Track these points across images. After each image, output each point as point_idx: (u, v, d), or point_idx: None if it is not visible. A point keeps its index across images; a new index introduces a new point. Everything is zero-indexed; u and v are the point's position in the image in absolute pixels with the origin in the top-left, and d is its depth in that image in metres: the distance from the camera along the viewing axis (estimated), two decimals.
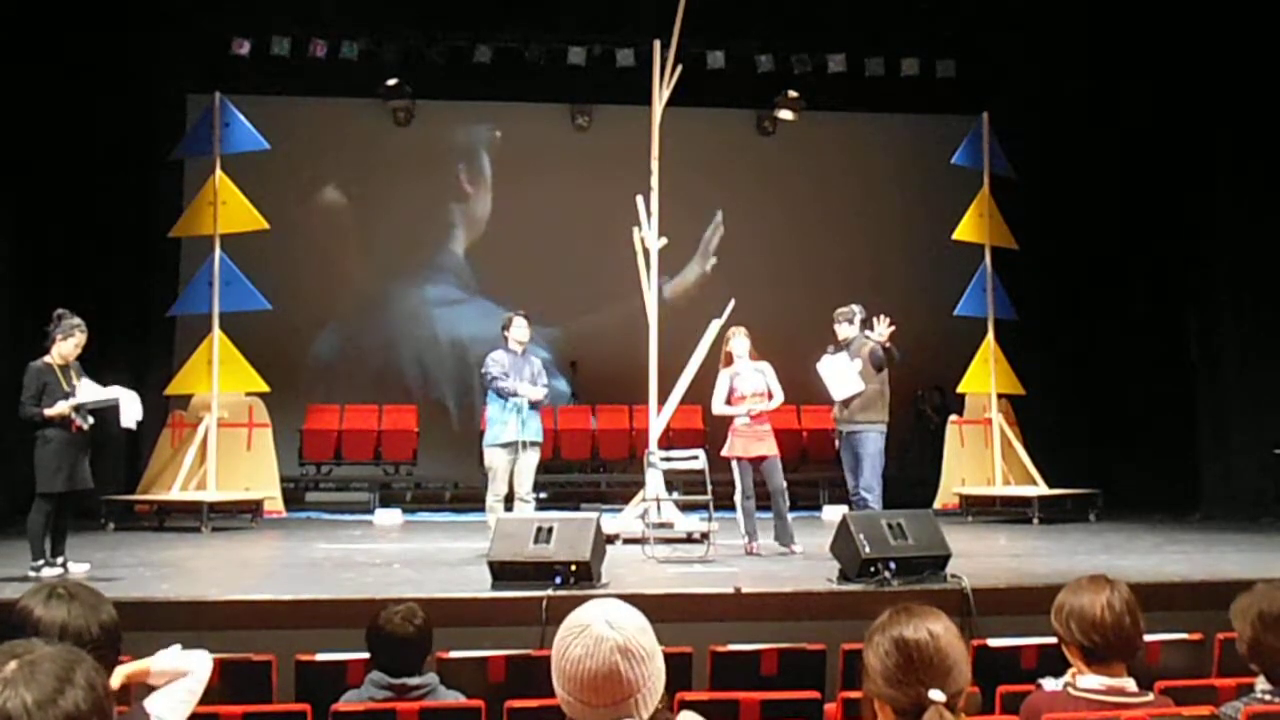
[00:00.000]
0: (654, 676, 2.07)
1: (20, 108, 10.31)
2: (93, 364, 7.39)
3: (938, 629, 2.15)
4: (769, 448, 8.08)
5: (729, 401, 8.17)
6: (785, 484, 8.13)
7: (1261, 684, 3.18)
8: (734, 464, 8.10)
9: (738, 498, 8.10)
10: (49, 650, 1.49)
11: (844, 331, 8.63)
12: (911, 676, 2.10)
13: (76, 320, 7.08)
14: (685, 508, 9.06)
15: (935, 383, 13.20)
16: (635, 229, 9.22)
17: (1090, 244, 12.19)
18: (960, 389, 11.81)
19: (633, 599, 6.22)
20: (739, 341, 8.23)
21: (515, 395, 8.06)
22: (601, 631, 2.04)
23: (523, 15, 12.41)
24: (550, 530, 6.23)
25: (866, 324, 8.54)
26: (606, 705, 2.02)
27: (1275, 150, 10.30)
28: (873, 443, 8.31)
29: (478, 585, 6.17)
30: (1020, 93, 12.51)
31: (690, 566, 7.35)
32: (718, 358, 8.51)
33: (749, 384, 8.11)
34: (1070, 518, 10.44)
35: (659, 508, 8.51)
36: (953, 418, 12.03)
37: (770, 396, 8.14)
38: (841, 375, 8.34)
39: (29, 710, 1.40)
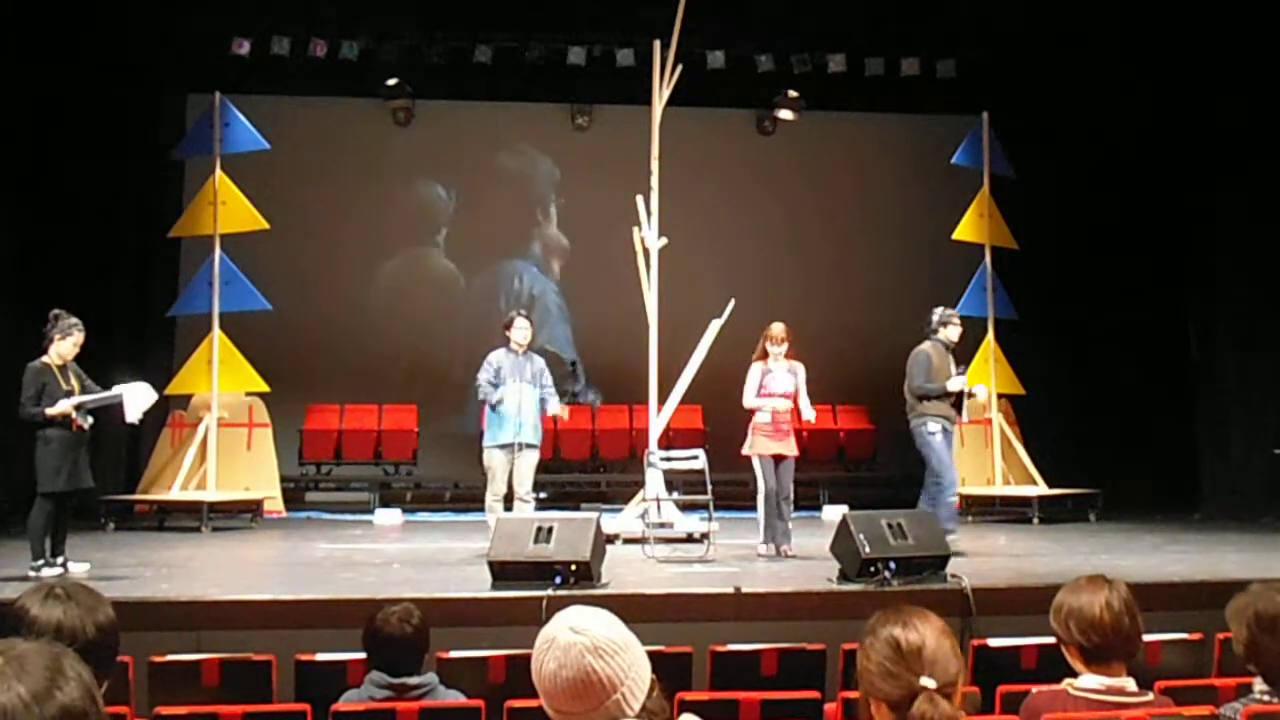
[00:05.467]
0: (633, 667, 2.05)
1: (20, 108, 10.31)
2: (93, 364, 7.39)
3: (926, 626, 2.18)
4: (789, 448, 7.96)
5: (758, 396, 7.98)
6: (793, 489, 8.00)
7: (1259, 685, 3.17)
8: (755, 461, 7.94)
9: (760, 496, 7.92)
10: (31, 646, 1.46)
11: (956, 334, 8.43)
12: (901, 666, 2.12)
13: (74, 320, 7.08)
14: (685, 508, 9.05)
15: None
16: (635, 229, 9.22)
17: (1090, 244, 12.18)
18: None
19: (633, 599, 6.24)
20: (777, 347, 7.99)
21: (500, 404, 8.07)
22: (568, 639, 2.03)
23: (523, 15, 12.39)
24: (550, 530, 6.24)
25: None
26: (593, 709, 2.01)
27: (1275, 150, 10.29)
28: None
29: (478, 585, 6.17)
30: (1020, 93, 12.50)
31: (690, 566, 7.36)
32: (717, 357, 8.49)
33: (779, 383, 7.94)
34: (1070, 518, 10.44)
35: (659, 508, 8.51)
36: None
37: (795, 404, 7.97)
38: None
39: (26, 703, 1.38)
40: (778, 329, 8.05)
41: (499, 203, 14.13)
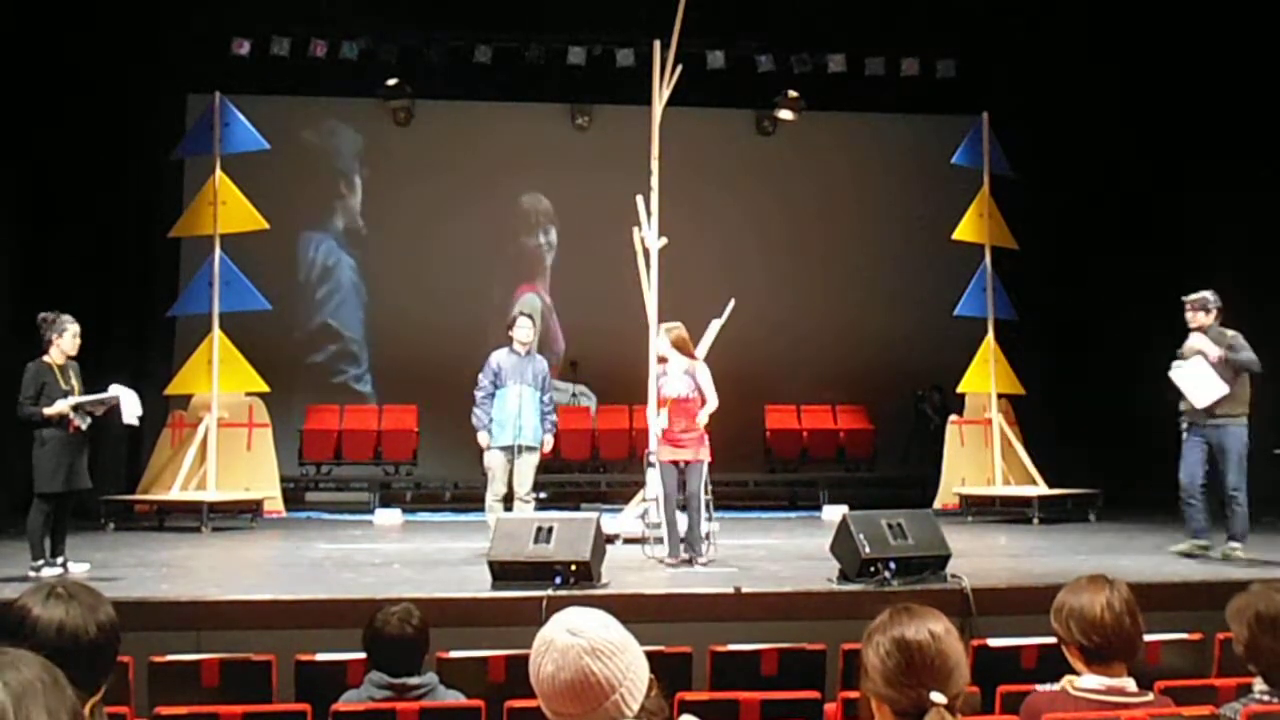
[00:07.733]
0: (631, 668, 2.05)
1: (21, 108, 10.31)
2: (93, 364, 7.39)
3: (938, 629, 2.15)
4: (690, 454, 7.46)
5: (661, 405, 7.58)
6: (705, 491, 7.51)
7: (1259, 685, 3.17)
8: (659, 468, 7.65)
9: (662, 503, 7.68)
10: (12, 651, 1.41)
11: (1200, 319, 7.87)
12: (912, 678, 2.10)
13: (65, 315, 7.10)
14: (686, 508, 9.02)
15: (935, 383, 13.21)
16: (635, 229, 9.21)
17: (1090, 244, 12.18)
18: (960, 389, 11.80)
19: (633, 599, 6.22)
20: (660, 341, 7.64)
21: (487, 427, 8.07)
22: (565, 641, 2.03)
23: (523, 15, 12.40)
24: (550, 530, 6.24)
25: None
26: (591, 710, 2.01)
27: (1275, 150, 10.29)
28: (1239, 438, 7.60)
29: (478, 585, 6.17)
30: (1020, 92, 12.50)
31: (690, 566, 7.35)
32: (717, 358, 8.46)
33: (672, 387, 7.55)
34: (1070, 518, 10.43)
35: (659, 507, 8.49)
36: (953, 418, 12.02)
37: (702, 402, 7.44)
38: (1200, 381, 7.59)
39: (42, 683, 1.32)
40: (660, 330, 7.68)
41: (499, 201, 14.12)
